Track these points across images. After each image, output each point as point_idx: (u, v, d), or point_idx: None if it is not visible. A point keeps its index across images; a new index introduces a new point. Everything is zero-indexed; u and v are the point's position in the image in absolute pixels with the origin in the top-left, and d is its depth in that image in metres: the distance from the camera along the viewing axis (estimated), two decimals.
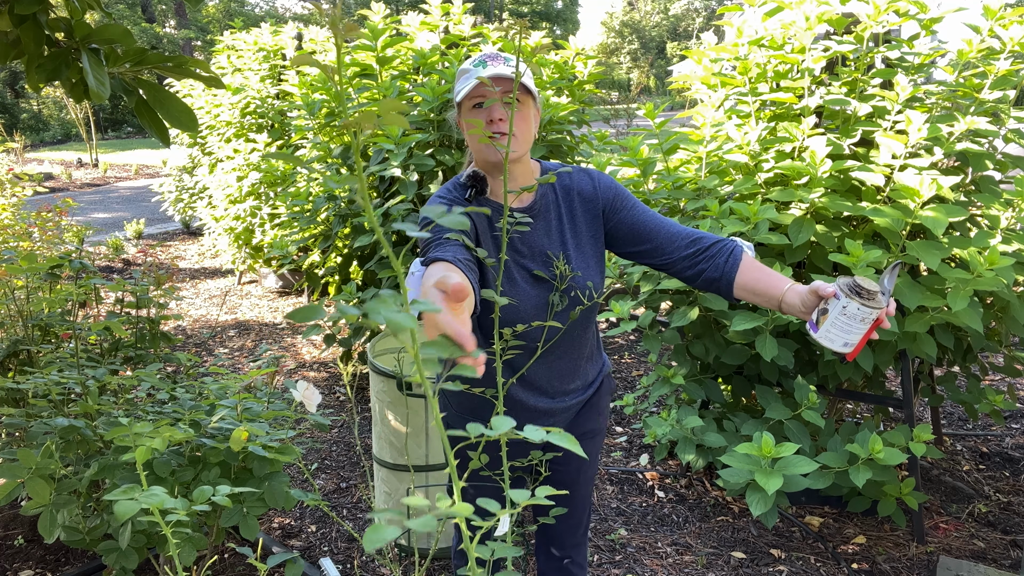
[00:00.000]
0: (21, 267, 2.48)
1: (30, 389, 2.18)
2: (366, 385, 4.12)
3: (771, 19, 2.90)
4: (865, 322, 1.24)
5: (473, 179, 1.46)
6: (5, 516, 2.77)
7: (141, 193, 12.09)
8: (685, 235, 1.49)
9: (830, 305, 1.27)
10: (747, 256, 1.44)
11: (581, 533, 1.84)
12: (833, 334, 1.27)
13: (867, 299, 1.24)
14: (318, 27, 6.30)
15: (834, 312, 1.26)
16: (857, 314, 1.24)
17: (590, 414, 1.72)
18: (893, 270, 1.29)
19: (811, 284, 1.28)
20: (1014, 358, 2.97)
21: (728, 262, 1.43)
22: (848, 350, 1.28)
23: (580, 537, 1.84)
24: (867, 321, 1.24)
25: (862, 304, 1.23)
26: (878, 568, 2.54)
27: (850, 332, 1.26)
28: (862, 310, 1.23)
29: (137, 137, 23.25)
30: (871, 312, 1.23)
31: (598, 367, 1.72)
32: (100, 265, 7.25)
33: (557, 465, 1.75)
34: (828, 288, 1.26)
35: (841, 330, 1.26)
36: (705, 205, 2.76)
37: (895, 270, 1.29)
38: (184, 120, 1.47)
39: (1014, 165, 2.72)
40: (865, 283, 1.24)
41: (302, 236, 3.91)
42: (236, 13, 27.02)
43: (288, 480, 1.90)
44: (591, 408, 1.72)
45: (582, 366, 1.64)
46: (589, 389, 1.69)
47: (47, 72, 1.38)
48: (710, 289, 1.47)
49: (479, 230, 1.46)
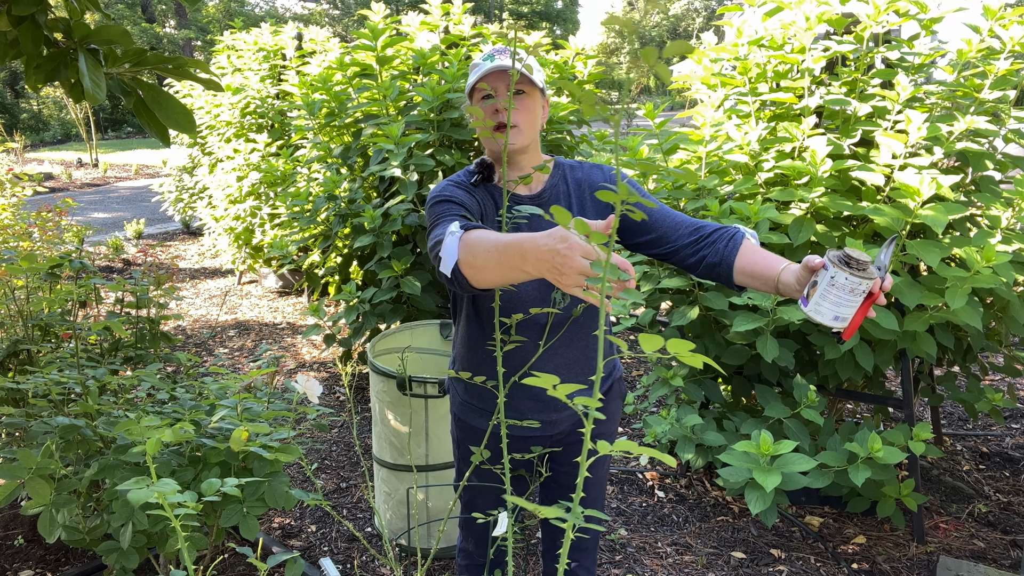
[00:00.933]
0: (21, 267, 2.48)
1: (30, 389, 2.18)
2: (366, 385, 4.12)
3: (771, 19, 2.90)
4: (855, 294, 1.20)
5: (480, 166, 1.50)
6: (5, 516, 2.77)
7: (141, 193, 12.09)
8: (689, 224, 1.49)
9: (819, 276, 1.24)
10: (748, 242, 1.43)
11: (590, 539, 1.81)
12: (824, 307, 1.23)
13: (856, 269, 1.20)
14: (318, 27, 6.30)
15: (823, 284, 1.23)
16: (846, 284, 1.20)
17: (596, 419, 1.70)
18: (889, 246, 1.26)
19: (803, 259, 1.28)
20: (1014, 358, 2.97)
21: (728, 246, 1.42)
22: (840, 325, 1.23)
23: (588, 542, 1.81)
24: (857, 293, 1.20)
25: (850, 274, 1.19)
26: (878, 568, 2.54)
27: (840, 305, 1.21)
28: (851, 280, 1.19)
29: (137, 137, 23.25)
30: (860, 283, 1.20)
31: (609, 367, 1.71)
32: (100, 265, 7.25)
33: (562, 466, 1.74)
34: (817, 260, 1.25)
35: (832, 303, 1.22)
36: (705, 205, 2.76)
37: (891, 246, 1.26)
38: (182, 122, 1.47)
39: (1014, 165, 2.72)
40: (855, 253, 1.20)
41: (302, 236, 3.91)
42: (236, 13, 27.03)
43: (288, 480, 1.90)
44: (600, 412, 1.69)
45: (591, 359, 1.60)
46: (601, 388, 1.67)
47: (46, 72, 1.38)
48: (711, 276, 1.45)
49: (485, 215, 1.50)
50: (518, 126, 1.43)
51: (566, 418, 1.63)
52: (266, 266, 6.05)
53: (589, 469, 1.73)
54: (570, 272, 1.01)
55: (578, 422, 1.67)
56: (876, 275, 1.20)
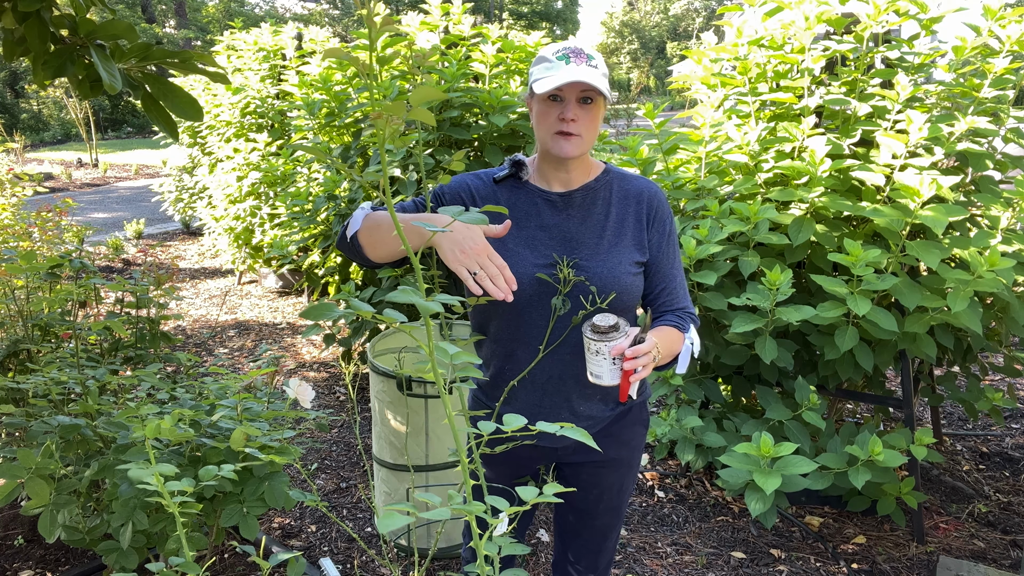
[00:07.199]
0: (21, 267, 2.48)
1: (30, 389, 2.18)
2: (366, 385, 4.12)
3: (771, 19, 2.90)
4: (600, 355, 1.31)
5: (512, 163, 1.54)
6: (5, 516, 2.77)
7: (141, 193, 12.09)
8: (666, 289, 1.56)
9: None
10: (670, 327, 1.50)
11: (603, 568, 1.74)
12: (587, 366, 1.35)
13: (595, 333, 1.31)
14: (318, 27, 6.30)
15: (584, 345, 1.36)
16: (591, 346, 1.32)
17: (608, 442, 1.59)
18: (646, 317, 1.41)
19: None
20: (1014, 358, 2.97)
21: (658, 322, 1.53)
22: (596, 381, 1.34)
23: (601, 571, 1.74)
24: (602, 354, 1.30)
25: (590, 338, 1.31)
26: (878, 568, 2.54)
27: (592, 364, 1.33)
28: (590, 343, 1.31)
29: (137, 137, 23.25)
30: (601, 346, 1.30)
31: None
32: (100, 265, 7.25)
33: (576, 488, 1.66)
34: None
35: (588, 362, 1.35)
36: (705, 205, 2.76)
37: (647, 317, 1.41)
38: (190, 111, 1.48)
39: (1014, 165, 2.72)
40: (599, 319, 1.31)
41: (302, 236, 3.91)
42: (236, 13, 27.02)
43: (288, 480, 1.90)
44: (611, 437, 1.59)
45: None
46: (612, 409, 1.58)
47: (53, 69, 1.38)
48: None
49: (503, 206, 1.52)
50: (580, 136, 1.42)
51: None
52: (266, 266, 6.05)
53: (599, 497, 1.66)
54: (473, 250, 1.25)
55: (586, 448, 1.59)
56: (618, 339, 1.30)
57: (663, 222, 1.55)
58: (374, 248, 1.40)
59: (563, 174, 1.50)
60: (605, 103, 1.47)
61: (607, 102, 1.47)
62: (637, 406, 1.63)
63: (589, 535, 1.70)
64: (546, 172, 1.52)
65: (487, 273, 1.26)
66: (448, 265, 1.28)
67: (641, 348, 1.29)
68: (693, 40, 41.51)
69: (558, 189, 1.52)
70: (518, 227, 1.49)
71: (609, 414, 1.59)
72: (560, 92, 1.40)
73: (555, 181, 1.51)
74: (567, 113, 1.40)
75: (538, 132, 1.47)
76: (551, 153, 1.45)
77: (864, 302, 2.33)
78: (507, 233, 1.46)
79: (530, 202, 1.51)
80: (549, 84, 1.37)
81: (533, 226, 1.50)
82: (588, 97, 1.40)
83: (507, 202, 1.51)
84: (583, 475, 1.64)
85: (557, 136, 1.42)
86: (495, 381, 1.58)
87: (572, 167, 1.50)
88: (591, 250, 1.48)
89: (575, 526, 1.70)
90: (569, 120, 1.40)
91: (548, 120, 1.42)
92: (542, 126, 1.44)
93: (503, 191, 1.52)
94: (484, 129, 3.40)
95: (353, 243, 1.42)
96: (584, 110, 1.41)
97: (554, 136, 1.42)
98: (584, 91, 1.39)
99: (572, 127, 1.40)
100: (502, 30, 3.82)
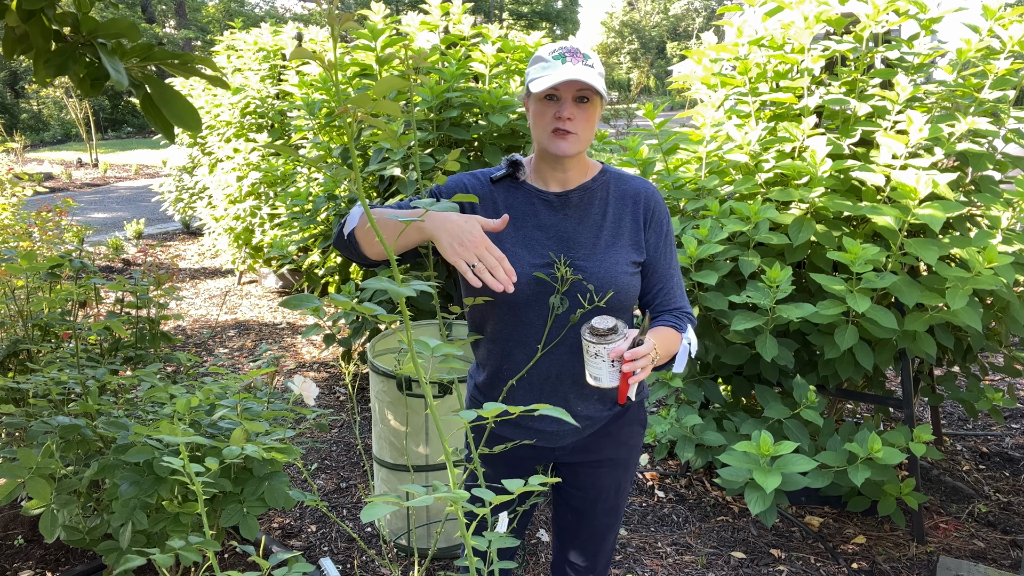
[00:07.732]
0: (21, 267, 2.48)
1: (30, 389, 2.18)
2: (366, 385, 4.12)
3: (771, 19, 2.90)
4: (599, 358, 1.32)
5: (509, 163, 1.54)
6: (5, 516, 2.77)
7: (141, 193, 12.09)
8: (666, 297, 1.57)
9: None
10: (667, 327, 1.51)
11: (601, 568, 1.74)
12: (586, 370, 1.36)
13: (593, 336, 1.32)
14: (318, 27, 6.30)
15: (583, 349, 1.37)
16: (589, 349, 1.33)
17: (606, 441, 1.60)
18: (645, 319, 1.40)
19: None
20: (1014, 358, 2.97)
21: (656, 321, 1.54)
22: (596, 383, 1.36)
23: (600, 571, 1.74)
24: (601, 357, 1.32)
25: (589, 341, 1.32)
26: (878, 568, 2.54)
27: (591, 366, 1.35)
28: (590, 345, 1.33)
29: (137, 137, 23.25)
30: (600, 348, 1.31)
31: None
32: (100, 265, 7.25)
33: (573, 488, 1.67)
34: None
35: (587, 365, 1.36)
36: (705, 205, 2.76)
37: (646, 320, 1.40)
38: (188, 120, 1.47)
39: (1014, 165, 2.72)
40: (597, 322, 1.33)
41: (302, 236, 3.91)
42: (236, 13, 27.02)
43: (288, 480, 1.90)
44: (608, 437, 1.60)
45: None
46: (609, 409, 1.59)
47: (55, 66, 1.38)
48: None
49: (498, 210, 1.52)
50: (577, 134, 1.43)
51: (568, 432, 1.57)
52: (266, 266, 6.05)
53: (595, 497, 1.66)
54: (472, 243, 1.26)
55: (580, 441, 1.59)
56: (616, 341, 1.31)
57: (660, 223, 1.56)
58: (371, 245, 1.41)
59: (560, 174, 1.51)
60: (602, 103, 1.47)
61: (604, 102, 1.48)
62: (635, 406, 1.64)
63: (588, 535, 1.70)
64: (543, 172, 1.52)
65: (486, 265, 1.27)
66: (447, 258, 1.28)
67: (640, 350, 1.29)
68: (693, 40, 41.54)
69: (555, 189, 1.52)
70: (515, 227, 1.50)
71: (607, 414, 1.59)
72: (556, 91, 1.40)
73: (552, 181, 1.51)
74: (563, 112, 1.41)
75: (535, 131, 1.47)
76: (548, 152, 1.46)
77: (863, 300, 2.33)
78: (504, 233, 1.47)
79: (527, 202, 1.51)
80: (545, 83, 1.38)
81: (530, 226, 1.50)
82: (584, 96, 1.41)
83: (504, 202, 1.51)
84: (581, 475, 1.64)
85: (554, 135, 1.43)
86: (492, 381, 1.58)
87: (569, 167, 1.50)
88: (588, 250, 1.49)
89: (574, 526, 1.70)
90: (565, 119, 1.41)
91: (544, 119, 1.43)
92: (539, 125, 1.45)
93: (500, 191, 1.52)
94: (484, 129, 3.40)
95: (350, 240, 1.43)
96: (580, 109, 1.42)
97: (551, 135, 1.43)
98: (580, 90, 1.40)
99: (568, 125, 1.41)
100: (502, 30, 3.81)
